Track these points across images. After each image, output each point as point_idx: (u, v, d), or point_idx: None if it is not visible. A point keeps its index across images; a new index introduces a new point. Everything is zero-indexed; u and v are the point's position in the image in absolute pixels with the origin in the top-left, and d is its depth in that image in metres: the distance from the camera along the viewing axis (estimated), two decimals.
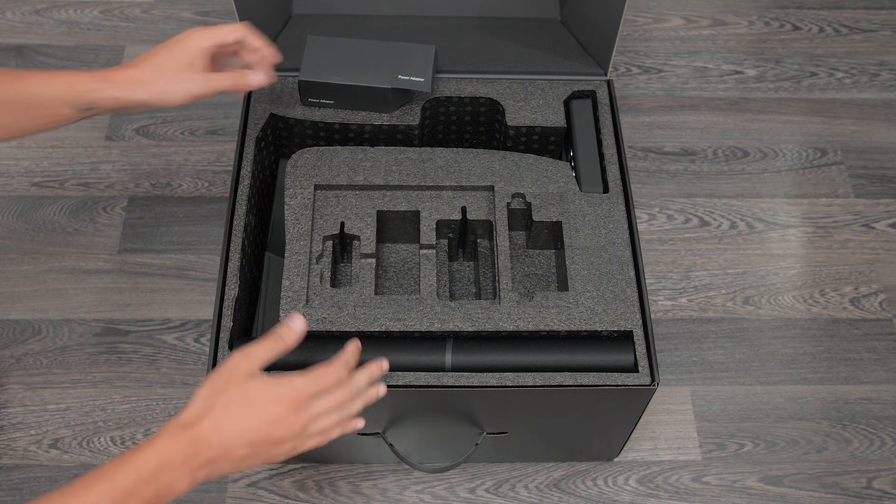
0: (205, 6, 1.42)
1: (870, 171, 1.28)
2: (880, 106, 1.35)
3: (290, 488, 1.00)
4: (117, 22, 1.40)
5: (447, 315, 0.84)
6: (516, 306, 0.85)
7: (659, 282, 1.16)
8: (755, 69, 1.38)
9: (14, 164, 1.23)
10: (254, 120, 0.96)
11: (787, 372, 1.10)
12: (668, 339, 1.12)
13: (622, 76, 1.36)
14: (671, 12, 1.45)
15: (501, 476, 1.02)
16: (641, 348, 0.83)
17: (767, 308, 1.15)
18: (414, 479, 1.01)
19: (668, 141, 1.30)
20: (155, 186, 1.22)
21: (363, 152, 0.94)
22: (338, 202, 0.91)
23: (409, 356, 0.82)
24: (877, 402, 1.08)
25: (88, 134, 1.27)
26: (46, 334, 1.09)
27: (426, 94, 0.98)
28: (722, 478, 1.03)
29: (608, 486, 1.02)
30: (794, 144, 1.30)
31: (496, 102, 0.99)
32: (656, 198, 1.24)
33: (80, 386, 1.06)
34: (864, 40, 1.42)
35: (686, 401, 1.08)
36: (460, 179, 0.92)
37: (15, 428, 1.03)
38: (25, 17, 1.39)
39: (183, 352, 1.09)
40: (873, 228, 1.22)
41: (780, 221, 1.23)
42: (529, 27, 1.07)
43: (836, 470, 1.04)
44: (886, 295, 1.16)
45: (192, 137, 1.27)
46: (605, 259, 0.88)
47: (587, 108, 0.99)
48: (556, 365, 0.82)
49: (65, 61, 1.34)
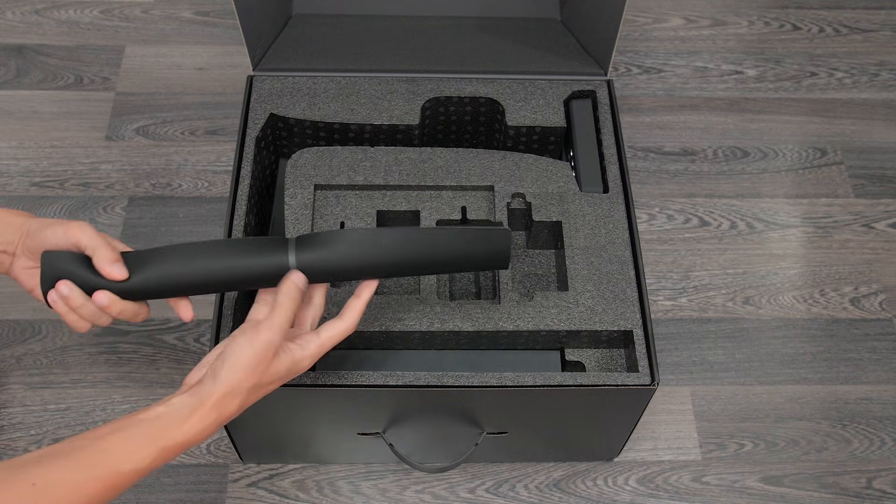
0: (205, 6, 1.42)
1: (870, 171, 1.28)
2: (880, 106, 1.35)
3: (290, 488, 1.00)
4: (117, 22, 1.40)
5: (447, 315, 0.84)
6: (516, 306, 0.85)
7: (659, 282, 1.16)
8: (755, 69, 1.38)
9: (14, 164, 1.23)
10: (254, 120, 0.96)
11: (787, 372, 1.10)
12: (668, 339, 1.12)
13: (622, 76, 1.36)
14: (671, 12, 1.45)
15: (501, 476, 1.02)
16: (641, 348, 0.83)
17: (767, 308, 1.15)
18: (414, 479, 1.01)
19: (668, 141, 1.30)
20: (155, 186, 1.22)
21: (363, 152, 0.94)
22: (338, 202, 0.91)
23: (245, 259, 0.70)
24: (877, 402, 1.08)
25: (88, 134, 1.27)
26: (46, 334, 1.09)
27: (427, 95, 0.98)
28: (722, 478, 1.03)
29: (608, 486, 1.01)
30: (794, 144, 1.30)
31: (496, 102, 0.99)
32: (656, 198, 1.24)
33: (80, 386, 1.06)
34: (864, 40, 1.42)
35: (686, 401, 1.08)
36: (460, 179, 0.92)
37: (15, 428, 1.03)
38: (25, 17, 1.39)
39: (183, 352, 1.09)
40: (873, 228, 1.22)
41: (780, 221, 1.23)
42: (529, 27, 1.07)
43: (836, 470, 1.04)
44: (886, 295, 1.16)
45: (192, 137, 1.27)
46: (605, 259, 0.88)
47: (587, 108, 0.99)
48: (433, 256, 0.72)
49: (65, 61, 1.34)
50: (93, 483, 0.59)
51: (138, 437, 0.62)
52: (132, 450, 0.61)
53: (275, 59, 1.01)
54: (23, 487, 0.57)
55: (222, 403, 0.65)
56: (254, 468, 1.01)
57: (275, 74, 1.00)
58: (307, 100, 0.98)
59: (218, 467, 1.01)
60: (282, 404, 0.84)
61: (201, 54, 1.36)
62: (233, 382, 0.65)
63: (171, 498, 0.99)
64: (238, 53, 1.36)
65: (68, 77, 1.33)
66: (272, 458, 1.00)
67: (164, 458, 0.63)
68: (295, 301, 0.68)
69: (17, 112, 1.29)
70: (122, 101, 1.30)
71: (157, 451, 0.62)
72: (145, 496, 0.98)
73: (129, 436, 0.62)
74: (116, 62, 1.35)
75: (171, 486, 0.99)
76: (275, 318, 0.67)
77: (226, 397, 0.65)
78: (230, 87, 1.33)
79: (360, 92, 0.99)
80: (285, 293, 0.68)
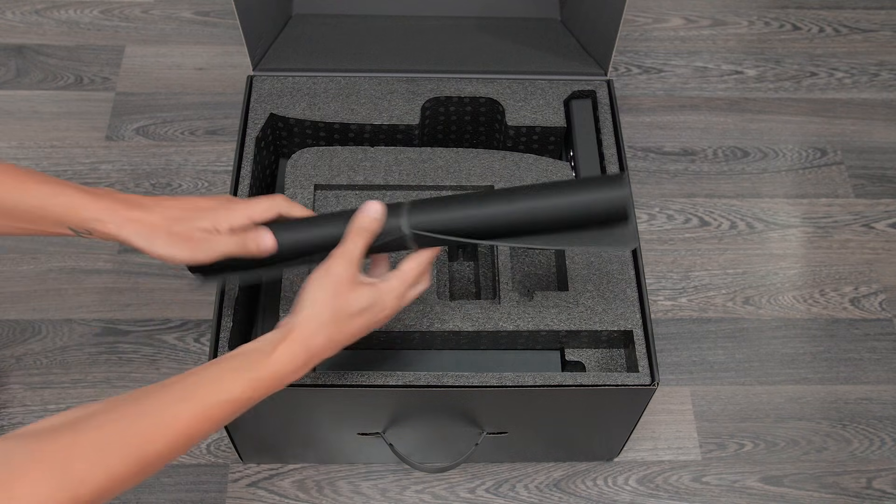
0: (205, 6, 1.42)
1: (870, 171, 1.28)
2: (880, 106, 1.35)
3: (290, 488, 1.00)
4: (117, 22, 1.40)
5: (447, 315, 0.84)
6: (516, 306, 0.85)
7: (659, 282, 1.16)
8: (755, 69, 1.38)
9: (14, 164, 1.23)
10: (254, 120, 0.96)
11: (787, 372, 1.10)
12: (668, 339, 1.12)
13: (622, 76, 1.36)
14: (671, 12, 1.45)
15: (501, 476, 1.02)
16: (641, 348, 0.83)
17: (767, 308, 1.15)
18: (414, 479, 1.01)
19: (668, 141, 1.30)
20: (155, 186, 1.22)
21: (363, 152, 0.94)
22: (338, 202, 0.91)
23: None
24: (877, 402, 1.08)
25: (88, 134, 1.27)
26: (46, 334, 1.09)
27: (427, 95, 0.98)
28: (722, 478, 1.03)
29: (608, 486, 1.02)
30: (794, 144, 1.30)
31: (496, 102, 0.99)
32: (656, 198, 1.24)
33: (80, 386, 1.06)
34: (864, 40, 1.42)
35: (686, 401, 1.08)
36: (460, 179, 0.92)
37: (15, 428, 1.03)
38: (25, 17, 1.39)
39: (183, 352, 1.09)
40: (873, 228, 1.22)
41: (780, 221, 1.23)
42: (529, 27, 1.07)
43: (836, 470, 1.04)
44: (886, 295, 1.16)
45: (192, 137, 1.27)
46: (605, 259, 0.88)
47: (587, 108, 0.99)
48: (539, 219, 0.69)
49: (65, 61, 1.34)
50: (186, 413, 0.60)
51: (227, 368, 0.63)
52: (222, 378, 0.62)
53: (275, 59, 1.01)
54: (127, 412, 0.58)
55: (306, 334, 0.65)
56: (254, 468, 1.01)
57: (275, 74, 1.00)
58: (307, 100, 0.98)
59: (218, 467, 1.01)
60: (282, 404, 0.84)
61: (201, 54, 1.36)
62: (312, 312, 0.66)
63: (171, 498, 0.99)
64: (238, 53, 1.36)
65: (68, 77, 1.33)
66: (272, 458, 1.00)
67: (256, 389, 0.63)
68: (368, 231, 0.69)
69: (17, 112, 1.29)
70: (122, 101, 1.30)
71: (246, 381, 0.63)
72: (145, 496, 0.98)
73: (218, 368, 0.63)
74: (116, 62, 1.35)
75: (171, 486, 0.99)
76: (346, 245, 0.68)
77: (308, 327, 0.65)
78: (230, 87, 1.33)
79: (360, 92, 0.99)
80: (357, 222, 0.69)
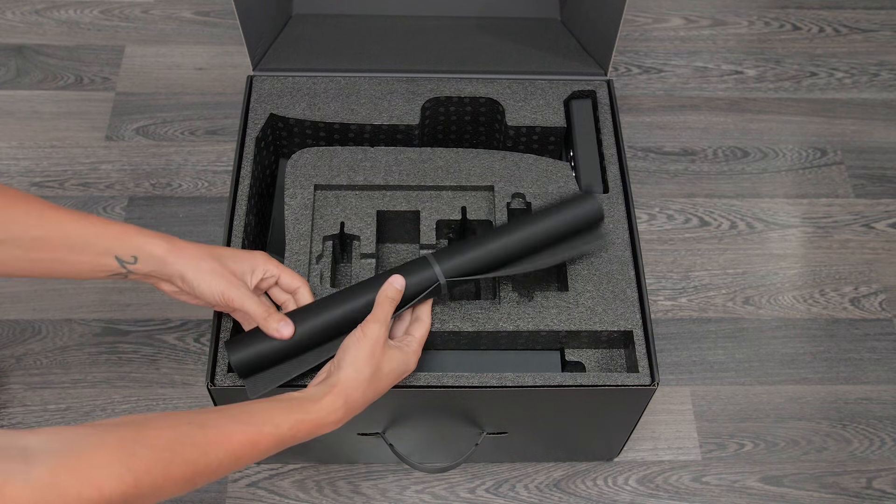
0: (205, 6, 1.42)
1: (870, 171, 1.28)
2: (880, 106, 1.35)
3: (290, 488, 1.00)
4: (117, 22, 1.40)
5: (447, 315, 0.84)
6: (516, 306, 0.85)
7: (659, 282, 1.16)
8: (755, 69, 1.38)
9: (14, 164, 1.23)
10: (254, 120, 0.96)
11: (787, 372, 1.10)
12: (668, 339, 1.12)
13: (622, 76, 1.36)
14: (671, 12, 1.45)
15: (501, 476, 1.02)
16: (641, 348, 0.83)
17: (767, 308, 1.15)
18: (414, 479, 1.01)
19: (668, 141, 1.30)
20: (155, 186, 1.22)
21: (363, 152, 0.94)
22: (338, 202, 0.91)
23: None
24: (877, 402, 1.08)
25: (88, 134, 1.27)
26: (46, 334, 1.09)
27: (427, 95, 0.98)
28: (722, 478, 1.03)
29: (608, 486, 1.02)
30: (794, 144, 1.30)
31: (496, 102, 0.99)
32: (656, 198, 1.24)
33: (80, 386, 1.06)
34: (864, 40, 1.42)
35: (686, 401, 1.08)
36: (460, 179, 0.92)
37: (15, 428, 1.03)
38: (25, 17, 1.39)
39: (183, 352, 1.09)
40: (873, 228, 1.22)
41: (780, 221, 1.23)
42: (529, 27, 1.07)
43: (836, 470, 1.04)
44: (886, 295, 1.16)
45: (192, 137, 1.27)
46: (605, 259, 0.88)
47: (587, 108, 0.99)
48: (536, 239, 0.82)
49: (65, 61, 1.34)
50: (238, 434, 0.65)
51: (278, 406, 0.69)
52: (274, 413, 0.68)
53: (275, 59, 1.01)
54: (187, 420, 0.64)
55: (347, 389, 0.72)
56: (254, 468, 1.01)
57: (275, 74, 1.00)
58: (307, 100, 0.98)
59: None
60: None
61: (201, 54, 1.36)
62: (353, 369, 0.73)
63: (171, 498, 0.99)
64: (238, 53, 1.36)
65: (68, 77, 1.33)
66: (272, 458, 1.00)
67: (300, 430, 0.69)
68: (393, 300, 0.77)
69: (17, 112, 1.29)
70: (122, 101, 1.30)
71: (294, 420, 0.69)
72: None
73: (271, 404, 0.69)
74: (116, 62, 1.35)
75: None
76: (378, 313, 0.76)
77: (349, 383, 0.72)
78: (230, 87, 1.33)
79: (360, 92, 0.99)
80: (384, 293, 0.78)
